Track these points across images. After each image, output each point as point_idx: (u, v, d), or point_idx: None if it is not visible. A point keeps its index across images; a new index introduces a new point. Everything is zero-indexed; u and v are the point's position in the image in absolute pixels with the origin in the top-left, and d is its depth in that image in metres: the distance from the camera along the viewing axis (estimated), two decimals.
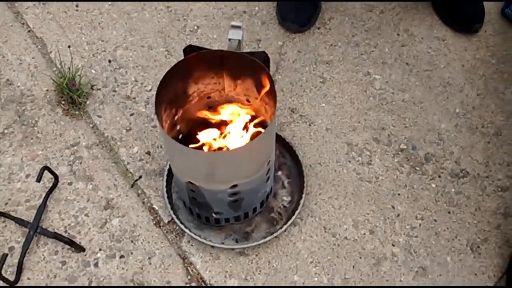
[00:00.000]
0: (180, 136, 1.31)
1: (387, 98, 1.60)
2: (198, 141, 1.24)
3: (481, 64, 1.67)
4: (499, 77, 1.64)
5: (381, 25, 1.76)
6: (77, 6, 1.81)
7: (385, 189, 1.44)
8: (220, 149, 1.22)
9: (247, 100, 1.26)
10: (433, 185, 1.44)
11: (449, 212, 1.40)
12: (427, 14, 1.78)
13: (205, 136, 1.23)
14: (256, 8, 1.80)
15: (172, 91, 1.14)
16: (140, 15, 1.79)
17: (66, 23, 1.77)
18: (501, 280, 1.30)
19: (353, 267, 1.32)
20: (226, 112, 1.25)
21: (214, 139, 1.23)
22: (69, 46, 1.68)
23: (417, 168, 1.47)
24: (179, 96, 1.19)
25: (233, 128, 1.23)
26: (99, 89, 1.62)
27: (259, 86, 1.16)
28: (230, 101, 1.29)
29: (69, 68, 1.57)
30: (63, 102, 1.59)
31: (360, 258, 1.33)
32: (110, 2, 1.81)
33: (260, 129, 1.21)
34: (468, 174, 1.46)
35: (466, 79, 1.64)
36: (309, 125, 1.55)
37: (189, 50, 1.13)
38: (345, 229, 1.37)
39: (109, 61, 1.68)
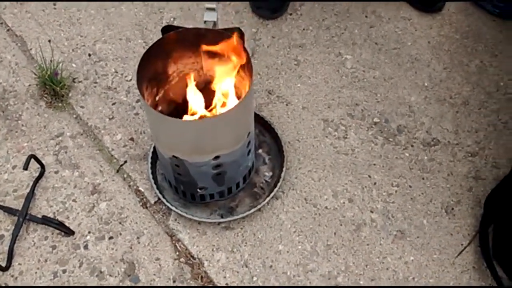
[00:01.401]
0: None
1: (359, 76, 1.67)
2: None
3: (446, 40, 1.76)
4: (463, 51, 1.73)
5: (350, 8, 1.84)
6: (54, 4, 1.85)
7: (361, 160, 1.50)
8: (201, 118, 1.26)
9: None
10: (407, 154, 1.51)
11: (423, 178, 1.47)
12: None
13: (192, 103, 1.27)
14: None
15: (152, 69, 1.19)
16: (117, 10, 1.84)
17: (45, 21, 1.81)
18: (475, 238, 1.37)
19: (335, 234, 1.38)
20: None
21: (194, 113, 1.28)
22: (49, 41, 1.72)
23: (390, 140, 1.54)
24: (159, 75, 1.24)
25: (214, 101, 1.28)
26: (81, 81, 1.66)
27: (244, 66, 1.21)
28: (208, 81, 1.34)
29: (51, 61, 1.61)
30: (45, 96, 1.62)
31: (341, 225, 1.39)
32: None
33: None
34: (439, 142, 1.54)
35: (432, 54, 1.72)
36: (286, 104, 1.61)
37: (167, 29, 1.19)
38: (325, 199, 1.43)
39: (89, 54, 1.72)
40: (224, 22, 1.79)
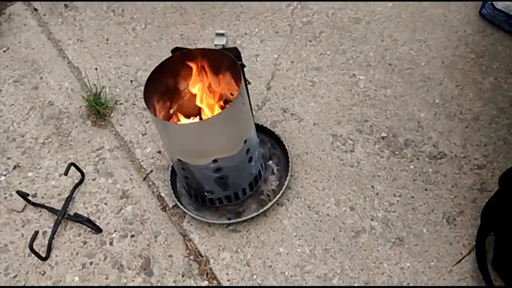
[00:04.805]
0: None
1: (370, 95, 1.76)
2: None
3: (460, 59, 1.80)
4: (478, 70, 1.76)
5: (367, 34, 1.94)
6: (107, 40, 2.15)
7: (366, 172, 1.57)
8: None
9: (231, 94, 1.48)
10: (412, 167, 1.56)
11: (426, 190, 1.50)
12: (410, 21, 1.95)
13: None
14: (256, 29, 2.06)
15: (163, 84, 1.38)
16: (158, 43, 2.09)
17: (98, 54, 2.11)
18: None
19: (334, 239, 1.44)
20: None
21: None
22: (96, 69, 2.00)
23: (396, 153, 1.60)
24: (171, 90, 1.43)
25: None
26: (122, 103, 1.91)
27: (236, 78, 1.37)
28: (218, 95, 1.51)
29: (94, 84, 1.88)
30: (92, 115, 1.89)
31: (340, 231, 1.46)
32: (134, 34, 2.14)
33: None
34: (445, 156, 1.56)
35: (445, 73, 1.77)
36: (299, 121, 1.73)
37: (176, 50, 1.38)
38: (327, 207, 1.51)
39: (131, 81, 1.98)
40: (250, 51, 1.97)
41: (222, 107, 1.47)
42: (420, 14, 1.99)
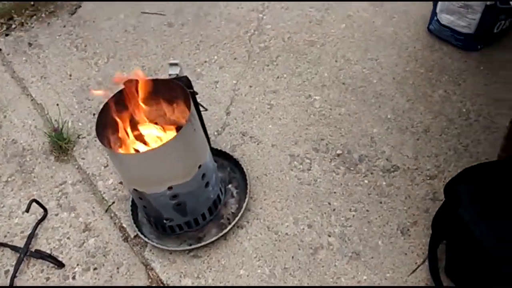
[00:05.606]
0: None
1: (326, 114, 1.80)
2: None
3: (410, 75, 1.86)
4: (428, 83, 1.82)
5: (321, 56, 2.00)
6: (70, 75, 2.19)
7: (323, 189, 1.60)
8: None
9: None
10: (366, 181, 1.59)
11: (380, 203, 1.54)
12: (362, 40, 2.02)
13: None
14: (215, 57, 2.11)
15: (115, 116, 1.41)
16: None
17: (62, 90, 2.14)
18: None
19: (292, 257, 1.46)
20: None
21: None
22: (57, 104, 2.03)
23: (351, 169, 1.63)
24: (125, 119, 1.45)
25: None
26: (84, 137, 1.93)
27: (188, 105, 1.41)
28: (173, 123, 1.54)
29: (55, 120, 1.90)
30: (54, 151, 1.90)
31: (299, 249, 1.48)
32: (97, 68, 2.18)
33: None
34: (398, 168, 1.60)
35: (397, 89, 1.82)
36: (257, 144, 1.77)
37: (129, 82, 1.42)
38: (286, 226, 1.53)
39: (93, 114, 2.01)
40: (209, 77, 2.02)
41: None
42: (372, 33, 2.06)
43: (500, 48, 1.90)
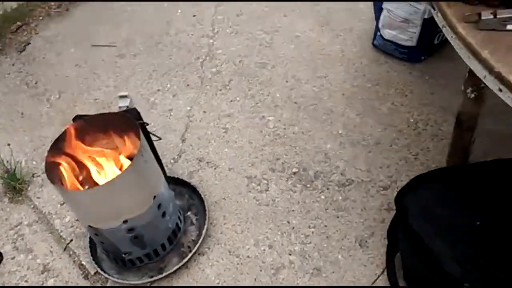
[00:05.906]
0: None
1: (280, 133, 1.83)
2: None
3: (358, 90, 1.92)
4: (375, 97, 1.88)
5: (272, 77, 2.04)
6: (22, 113, 2.15)
7: (281, 208, 1.61)
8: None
9: None
10: (323, 197, 1.62)
11: (337, 217, 1.56)
12: (310, 60, 2.07)
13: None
14: (168, 85, 2.12)
15: (66, 153, 1.39)
16: (72, 111, 2.11)
17: (13, 129, 2.09)
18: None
19: (255, 279, 1.46)
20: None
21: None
22: (8, 144, 1.99)
23: (308, 186, 1.66)
24: (76, 158, 1.44)
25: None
26: (39, 175, 1.90)
27: (138, 137, 1.41)
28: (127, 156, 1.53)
29: (7, 161, 1.86)
30: (8, 192, 1.86)
31: (261, 271, 1.48)
32: (48, 105, 2.15)
33: None
34: (353, 182, 1.64)
35: (346, 104, 1.88)
36: (214, 168, 1.77)
37: (77, 118, 1.41)
38: (247, 249, 1.54)
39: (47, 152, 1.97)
40: (163, 106, 2.02)
41: None
42: (320, 52, 2.12)
43: (442, 58, 1.98)
